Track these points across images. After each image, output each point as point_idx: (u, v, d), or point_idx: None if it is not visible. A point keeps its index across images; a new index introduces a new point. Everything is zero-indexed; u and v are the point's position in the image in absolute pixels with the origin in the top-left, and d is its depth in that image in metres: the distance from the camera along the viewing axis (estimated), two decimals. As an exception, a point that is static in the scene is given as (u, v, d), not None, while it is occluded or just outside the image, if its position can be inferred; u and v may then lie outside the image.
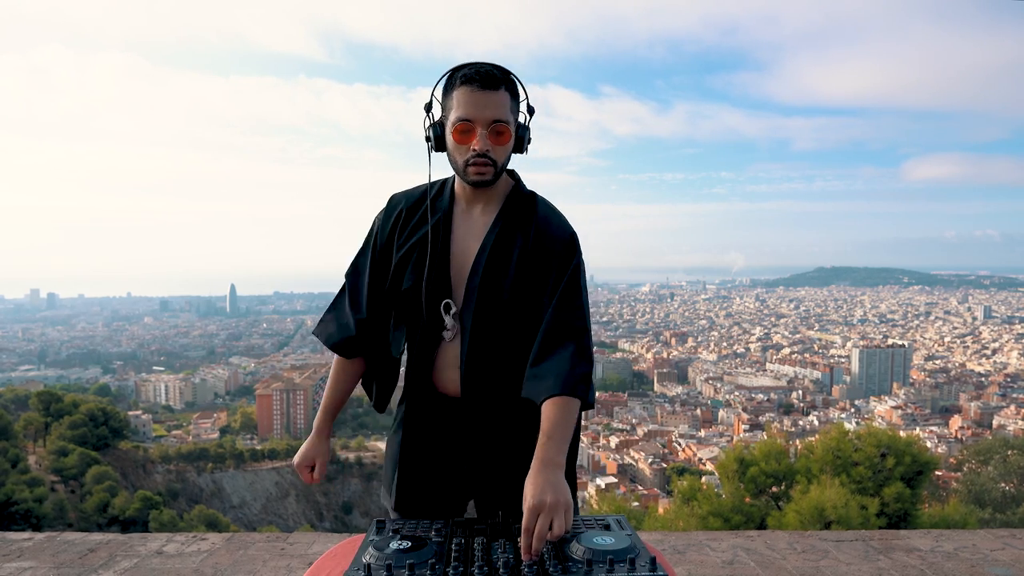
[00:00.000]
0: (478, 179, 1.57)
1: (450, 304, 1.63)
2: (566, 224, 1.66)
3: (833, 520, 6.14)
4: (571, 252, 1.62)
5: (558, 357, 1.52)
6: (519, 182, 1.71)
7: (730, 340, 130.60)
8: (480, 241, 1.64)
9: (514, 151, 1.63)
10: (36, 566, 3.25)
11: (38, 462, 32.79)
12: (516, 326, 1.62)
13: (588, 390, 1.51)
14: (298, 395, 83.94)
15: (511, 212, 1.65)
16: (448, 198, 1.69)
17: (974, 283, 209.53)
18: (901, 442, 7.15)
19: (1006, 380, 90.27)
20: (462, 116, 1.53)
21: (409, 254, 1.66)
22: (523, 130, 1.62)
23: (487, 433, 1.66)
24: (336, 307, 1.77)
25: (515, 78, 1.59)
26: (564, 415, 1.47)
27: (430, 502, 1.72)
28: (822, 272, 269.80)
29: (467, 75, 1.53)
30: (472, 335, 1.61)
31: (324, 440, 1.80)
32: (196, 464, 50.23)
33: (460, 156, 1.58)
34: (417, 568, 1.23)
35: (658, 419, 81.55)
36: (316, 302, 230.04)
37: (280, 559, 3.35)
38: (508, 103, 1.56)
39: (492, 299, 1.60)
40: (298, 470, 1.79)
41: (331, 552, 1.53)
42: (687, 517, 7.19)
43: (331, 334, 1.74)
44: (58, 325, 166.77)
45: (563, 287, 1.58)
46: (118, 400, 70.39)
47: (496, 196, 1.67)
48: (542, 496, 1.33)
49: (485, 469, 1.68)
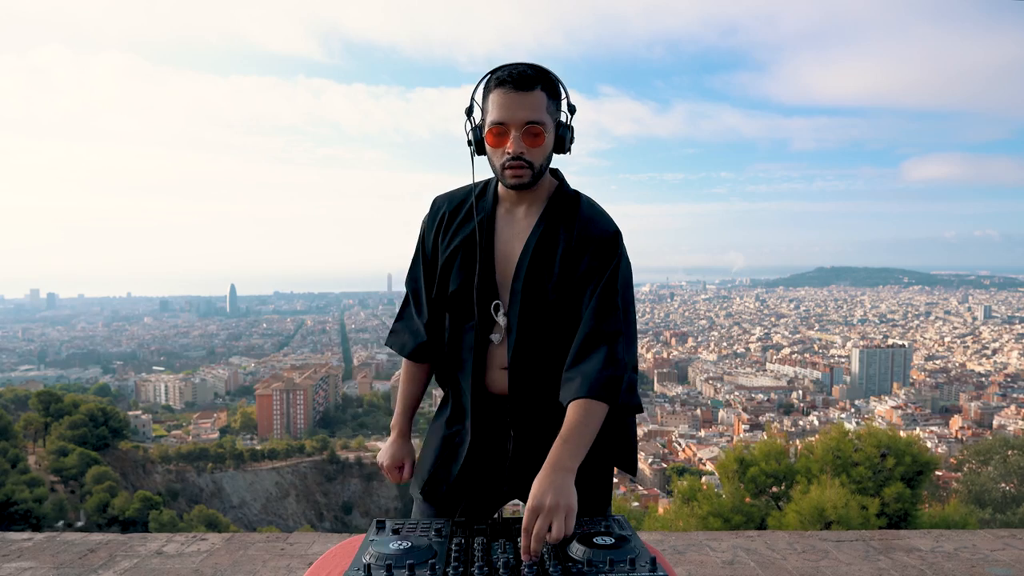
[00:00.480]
0: (515, 182, 1.57)
1: (499, 305, 1.64)
2: (609, 224, 1.64)
3: (833, 520, 6.14)
4: (611, 252, 1.60)
5: (588, 362, 1.53)
6: (563, 182, 1.70)
7: (730, 340, 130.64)
8: (523, 242, 1.64)
9: (555, 151, 1.62)
10: (36, 566, 3.25)
11: (38, 462, 32.82)
12: (561, 326, 1.62)
13: (616, 393, 1.50)
14: (298, 395, 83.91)
15: (554, 212, 1.65)
16: (491, 199, 1.68)
17: (974, 283, 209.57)
18: (901, 442, 7.16)
19: (1006, 380, 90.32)
20: (496, 119, 1.54)
21: (454, 256, 1.67)
22: (563, 130, 1.61)
23: (532, 432, 1.66)
24: (404, 316, 1.80)
25: (554, 77, 1.58)
26: (584, 419, 1.47)
27: (463, 497, 1.72)
28: (822, 272, 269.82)
29: (501, 77, 1.54)
30: (518, 335, 1.61)
31: (408, 441, 1.83)
32: (196, 464, 50.26)
33: (497, 159, 1.58)
34: (417, 568, 1.23)
35: (658, 419, 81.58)
36: (316, 302, 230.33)
37: (280, 559, 3.35)
38: (544, 103, 1.55)
39: (536, 300, 1.61)
40: (387, 472, 1.80)
41: (331, 552, 1.53)
42: (687, 517, 7.19)
43: (405, 343, 1.77)
44: (58, 325, 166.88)
45: (600, 289, 1.58)
46: (118, 400, 70.43)
47: (540, 196, 1.66)
48: (543, 498, 1.34)
49: (528, 468, 1.65)
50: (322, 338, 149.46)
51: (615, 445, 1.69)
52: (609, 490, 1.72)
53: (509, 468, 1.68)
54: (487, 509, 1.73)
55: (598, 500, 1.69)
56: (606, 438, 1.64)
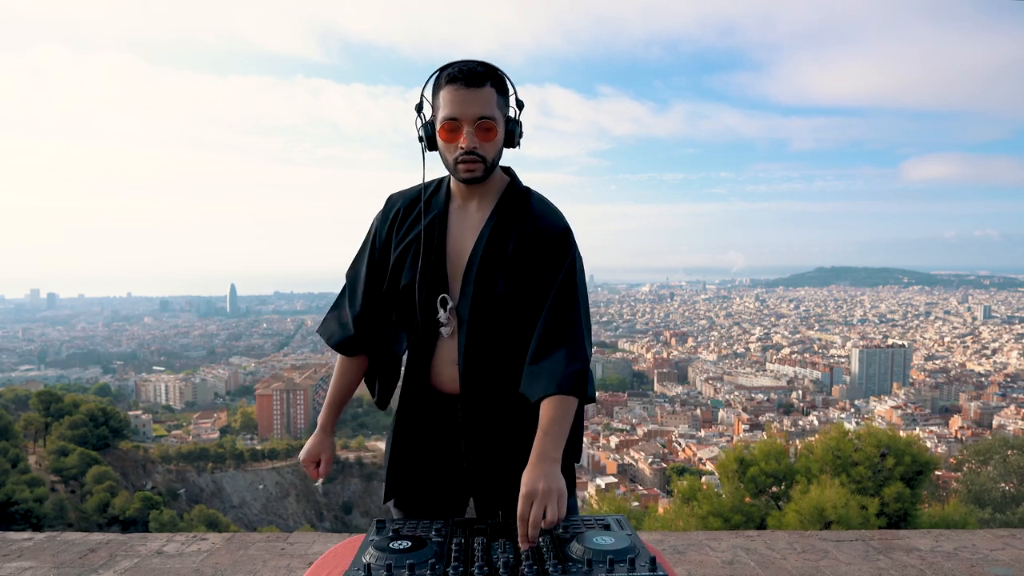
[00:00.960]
0: (468, 176, 1.59)
1: (446, 299, 1.64)
2: (560, 219, 1.67)
3: (833, 520, 6.14)
4: (565, 248, 1.63)
5: (553, 357, 1.55)
6: (514, 178, 1.72)
7: (730, 340, 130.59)
8: (476, 236, 1.65)
9: (506, 146, 1.65)
10: (36, 566, 3.25)
11: (38, 462, 32.79)
12: (513, 321, 1.63)
13: (584, 386, 1.54)
14: (298, 395, 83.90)
15: (506, 208, 1.67)
16: (444, 196, 1.71)
17: (974, 283, 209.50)
18: (901, 442, 7.16)
19: (1006, 380, 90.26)
20: (448, 115, 1.55)
21: (406, 251, 1.68)
22: (513, 124, 1.63)
23: (486, 430, 1.67)
24: (337, 306, 1.80)
25: (502, 73, 1.60)
26: (559, 413, 1.50)
27: (429, 500, 1.73)
28: (822, 272, 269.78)
29: (452, 74, 1.55)
30: (469, 329, 1.63)
31: (328, 436, 1.83)
32: (196, 464, 50.25)
33: (450, 154, 1.59)
34: (417, 568, 1.23)
35: (658, 419, 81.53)
36: (316, 302, 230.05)
37: (280, 559, 3.35)
38: (494, 99, 1.57)
39: (488, 294, 1.62)
40: (304, 466, 1.81)
41: (331, 552, 1.53)
42: (687, 517, 7.19)
43: (333, 333, 1.77)
44: (58, 325, 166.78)
45: (558, 285, 1.60)
46: (118, 400, 70.41)
47: (491, 192, 1.68)
48: (535, 484, 1.38)
49: (484, 466, 1.69)
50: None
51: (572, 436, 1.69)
52: (573, 479, 1.71)
53: (465, 467, 1.69)
54: (451, 509, 1.73)
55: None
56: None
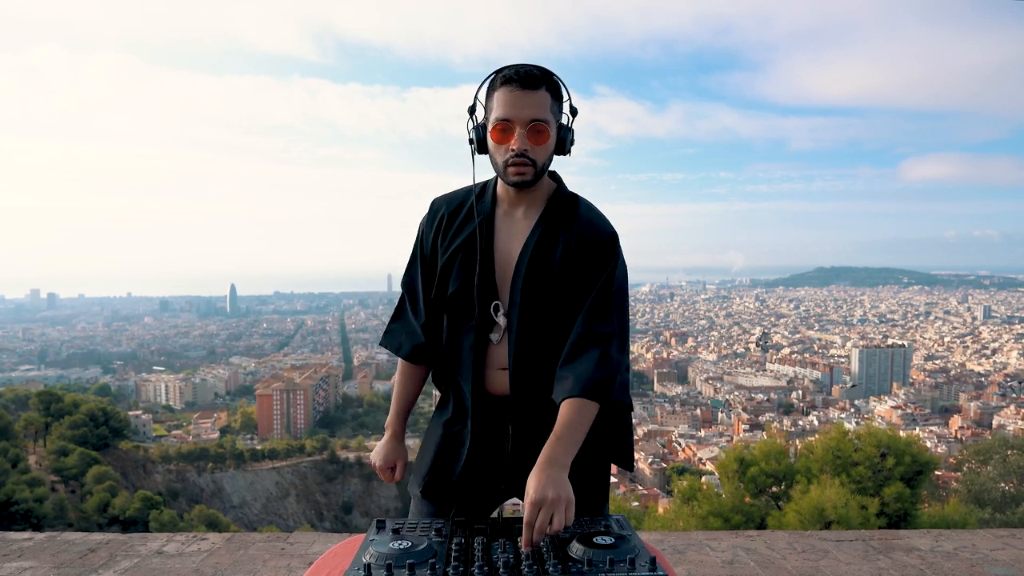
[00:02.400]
0: (518, 179, 1.59)
1: (499, 305, 1.65)
2: (606, 226, 1.67)
3: (833, 520, 6.14)
4: (609, 254, 1.63)
5: (582, 362, 1.55)
6: (561, 184, 1.72)
7: (730, 340, 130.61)
8: (523, 243, 1.65)
9: (556, 152, 1.65)
10: (36, 566, 3.25)
11: (38, 462, 32.80)
12: (559, 326, 1.63)
13: (609, 393, 1.53)
14: (298, 395, 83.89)
15: (553, 214, 1.67)
16: (490, 200, 1.70)
17: (974, 283, 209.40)
18: (901, 442, 7.17)
19: (1006, 380, 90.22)
20: (501, 116, 1.56)
21: (454, 257, 1.68)
22: (565, 131, 1.64)
23: (532, 431, 1.67)
24: (400, 317, 1.81)
25: (558, 79, 1.61)
26: (577, 417, 1.50)
27: (465, 496, 1.73)
28: (822, 272, 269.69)
29: (507, 76, 1.56)
30: (518, 335, 1.63)
31: (402, 442, 1.84)
32: (196, 464, 50.26)
33: (500, 156, 1.60)
34: (417, 568, 1.23)
35: (658, 419, 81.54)
36: (316, 302, 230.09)
37: (280, 559, 3.35)
38: (548, 103, 1.57)
39: (536, 300, 1.62)
40: (380, 472, 1.81)
41: (331, 552, 1.53)
42: (687, 517, 7.20)
43: (401, 344, 1.78)
44: (58, 325, 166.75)
45: (596, 291, 1.61)
46: (118, 400, 70.46)
47: (539, 198, 1.68)
48: (544, 491, 1.37)
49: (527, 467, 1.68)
50: (322, 338, 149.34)
51: (612, 442, 1.70)
52: (607, 487, 1.74)
53: (508, 467, 1.69)
54: (485, 507, 1.74)
55: (596, 497, 1.70)
56: (603, 435, 1.65)
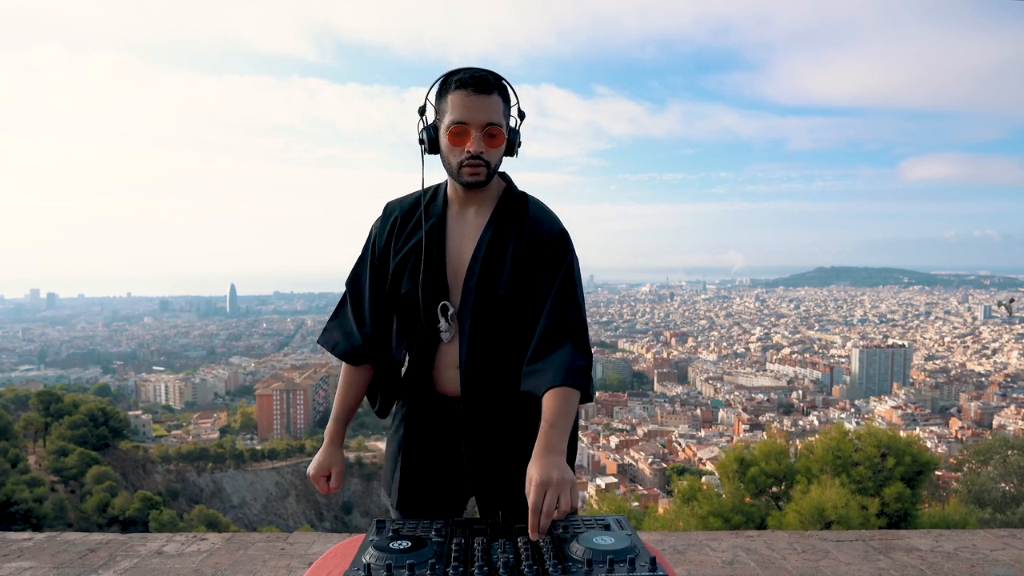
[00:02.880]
0: (472, 180, 1.61)
1: (447, 306, 1.66)
2: (557, 222, 1.70)
3: (833, 520, 6.14)
4: (563, 249, 1.66)
5: (558, 353, 1.57)
6: (511, 183, 1.75)
7: (730, 340, 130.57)
8: (475, 242, 1.67)
9: (506, 154, 1.68)
10: (36, 566, 3.25)
11: (38, 462, 32.80)
12: (513, 325, 1.65)
13: (588, 383, 1.55)
14: (298, 395, 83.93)
15: (504, 213, 1.69)
16: (442, 202, 1.72)
17: (974, 283, 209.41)
18: (901, 442, 7.16)
19: (1006, 380, 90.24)
20: (457, 119, 1.58)
21: (406, 259, 1.69)
22: (514, 134, 1.68)
23: (487, 431, 1.69)
24: (339, 315, 1.80)
25: (507, 83, 1.64)
26: (565, 405, 1.51)
27: (431, 501, 1.74)
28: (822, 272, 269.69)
29: (462, 79, 1.58)
30: (471, 335, 1.64)
31: (338, 449, 1.81)
32: (196, 464, 50.24)
33: (454, 158, 1.62)
34: (417, 568, 1.23)
35: (658, 419, 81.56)
36: (316, 302, 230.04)
37: (280, 559, 3.35)
38: (501, 107, 1.61)
39: (488, 298, 1.64)
40: (314, 480, 1.78)
41: (331, 552, 1.53)
42: (687, 517, 7.19)
43: (337, 343, 1.76)
44: (58, 325, 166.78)
45: (558, 285, 1.63)
46: (118, 400, 70.41)
47: (489, 198, 1.71)
48: (548, 474, 1.39)
49: (486, 467, 1.71)
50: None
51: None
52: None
53: (467, 467, 1.70)
54: (451, 509, 1.75)
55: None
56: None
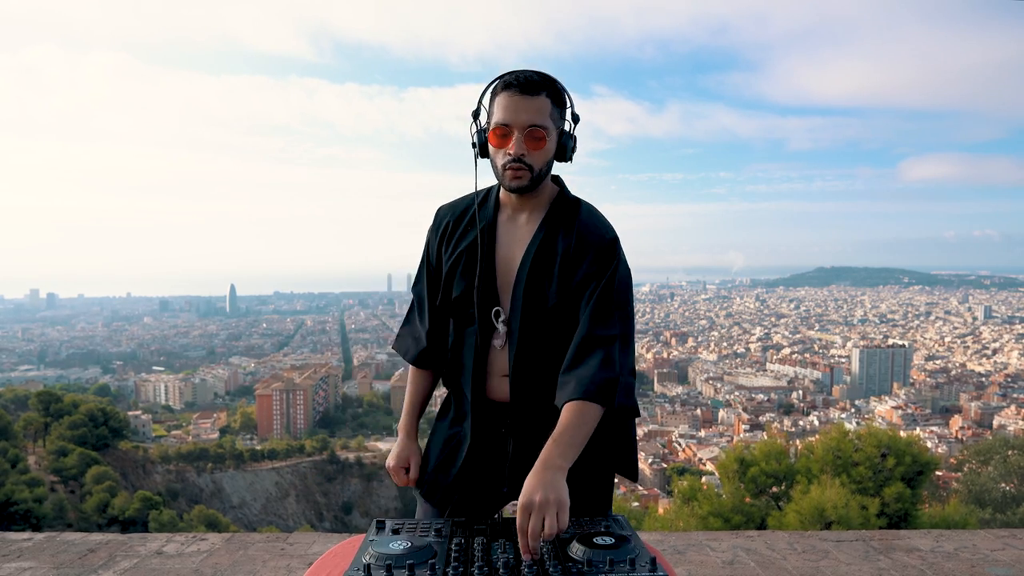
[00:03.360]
0: (514, 184, 1.60)
1: (499, 311, 1.66)
2: (608, 230, 1.67)
3: (833, 520, 6.14)
4: (609, 258, 1.62)
5: (584, 365, 1.54)
6: (564, 188, 1.73)
7: (730, 340, 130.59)
8: (524, 248, 1.66)
9: (557, 159, 1.65)
10: (36, 566, 3.25)
11: (38, 462, 32.81)
12: (561, 332, 1.63)
13: (612, 395, 1.52)
14: (298, 395, 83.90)
15: (555, 218, 1.67)
16: (493, 206, 1.71)
17: (974, 283, 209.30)
18: (901, 442, 7.16)
19: (1006, 380, 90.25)
20: (500, 120, 1.57)
21: (456, 263, 1.70)
22: (566, 138, 1.64)
23: (532, 436, 1.67)
24: (409, 322, 1.86)
25: (560, 86, 1.61)
26: (576, 419, 1.49)
27: (470, 501, 1.74)
28: (822, 272, 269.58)
29: (508, 81, 1.58)
30: (519, 341, 1.64)
31: (414, 442, 1.84)
32: (196, 464, 50.25)
33: (499, 160, 1.61)
34: (417, 568, 1.23)
35: (658, 419, 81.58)
36: (316, 302, 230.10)
37: (280, 559, 3.35)
38: (548, 109, 1.58)
39: (537, 305, 1.63)
40: (393, 472, 1.81)
41: (331, 552, 1.53)
42: (687, 517, 7.20)
43: (408, 349, 1.83)
44: (58, 325, 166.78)
45: (598, 294, 1.59)
46: (118, 400, 70.42)
47: (541, 203, 1.69)
48: (533, 495, 1.36)
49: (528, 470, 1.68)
50: (322, 338, 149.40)
51: (616, 449, 1.70)
52: (610, 496, 1.73)
53: (509, 470, 1.70)
54: (487, 510, 1.74)
55: (598, 504, 1.69)
56: (606, 442, 1.65)
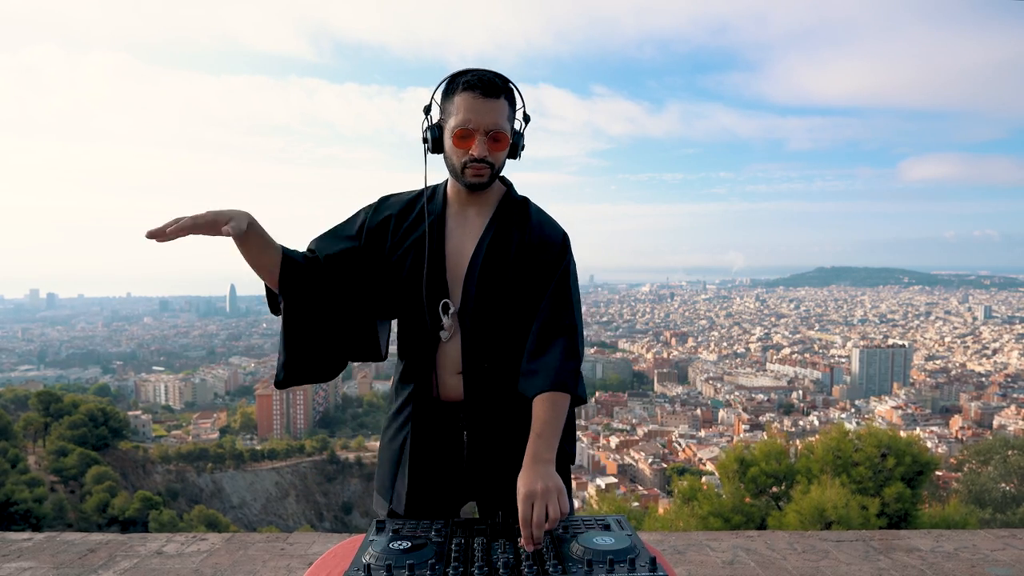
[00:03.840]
0: (475, 181, 1.62)
1: (448, 304, 1.65)
2: (558, 227, 1.73)
3: (833, 520, 6.14)
4: (563, 253, 1.69)
5: (550, 354, 1.58)
6: (511, 187, 1.76)
7: (730, 340, 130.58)
8: (475, 242, 1.67)
9: (509, 156, 1.69)
10: (35, 566, 3.25)
11: (38, 462, 32.82)
12: (512, 327, 1.65)
13: (577, 384, 1.58)
14: (298, 395, 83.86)
15: (505, 215, 1.70)
16: (441, 201, 1.72)
17: (974, 283, 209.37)
18: (901, 442, 7.16)
19: (1006, 380, 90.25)
20: (463, 122, 1.57)
21: (404, 256, 1.68)
22: (518, 137, 1.68)
23: (488, 434, 1.69)
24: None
25: (514, 87, 1.64)
26: (553, 412, 1.53)
27: (432, 504, 1.72)
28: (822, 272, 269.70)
29: (469, 82, 1.57)
30: (471, 334, 1.64)
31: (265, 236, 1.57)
32: (196, 464, 50.25)
33: (458, 159, 1.61)
34: (417, 568, 1.23)
35: (658, 419, 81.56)
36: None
37: (280, 559, 3.35)
38: (507, 111, 1.61)
39: (490, 298, 1.64)
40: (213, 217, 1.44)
41: (331, 552, 1.53)
42: (687, 517, 7.20)
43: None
44: (58, 325, 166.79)
45: (554, 286, 1.65)
46: (118, 400, 70.41)
47: (490, 200, 1.71)
48: (533, 485, 1.40)
49: (487, 470, 1.70)
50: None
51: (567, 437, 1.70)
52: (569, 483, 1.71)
53: (466, 470, 1.70)
54: (448, 511, 1.74)
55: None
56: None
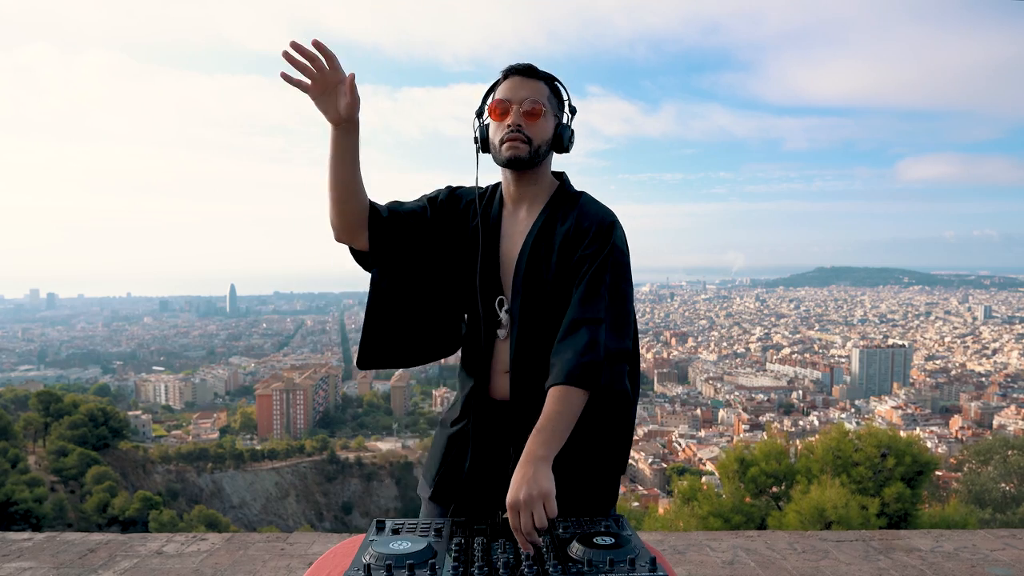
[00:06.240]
0: (511, 155, 1.61)
1: (503, 300, 1.67)
2: (607, 213, 1.64)
3: (833, 520, 6.14)
4: (606, 239, 1.59)
5: (568, 348, 1.51)
6: (565, 181, 1.74)
7: (730, 340, 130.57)
8: (524, 237, 1.67)
9: (555, 149, 1.68)
10: (36, 566, 3.25)
11: (38, 462, 32.80)
12: (561, 318, 1.60)
13: (595, 379, 1.48)
14: (298, 395, 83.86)
15: (555, 207, 1.69)
16: (498, 202, 1.74)
17: (974, 283, 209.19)
18: (901, 442, 7.16)
19: (1006, 380, 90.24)
20: (499, 97, 1.63)
21: (462, 252, 1.72)
22: (563, 128, 1.67)
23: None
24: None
25: (558, 81, 1.69)
26: (559, 406, 1.46)
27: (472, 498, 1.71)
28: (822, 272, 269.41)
29: (510, 68, 1.66)
30: (521, 329, 1.63)
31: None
32: (196, 464, 50.27)
33: (497, 136, 1.63)
34: (417, 568, 1.23)
35: (658, 419, 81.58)
36: (316, 302, 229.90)
37: (280, 559, 3.35)
38: (546, 92, 1.65)
39: (536, 293, 1.63)
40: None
41: (331, 552, 1.53)
42: (687, 517, 7.19)
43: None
44: (58, 325, 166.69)
45: (589, 276, 1.57)
46: (118, 400, 70.42)
47: (541, 196, 1.71)
48: (516, 494, 1.35)
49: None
50: (322, 338, 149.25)
51: (607, 440, 1.67)
52: (615, 492, 1.71)
53: (511, 470, 1.68)
54: (493, 509, 1.72)
55: (602, 503, 1.68)
56: (605, 434, 1.64)
